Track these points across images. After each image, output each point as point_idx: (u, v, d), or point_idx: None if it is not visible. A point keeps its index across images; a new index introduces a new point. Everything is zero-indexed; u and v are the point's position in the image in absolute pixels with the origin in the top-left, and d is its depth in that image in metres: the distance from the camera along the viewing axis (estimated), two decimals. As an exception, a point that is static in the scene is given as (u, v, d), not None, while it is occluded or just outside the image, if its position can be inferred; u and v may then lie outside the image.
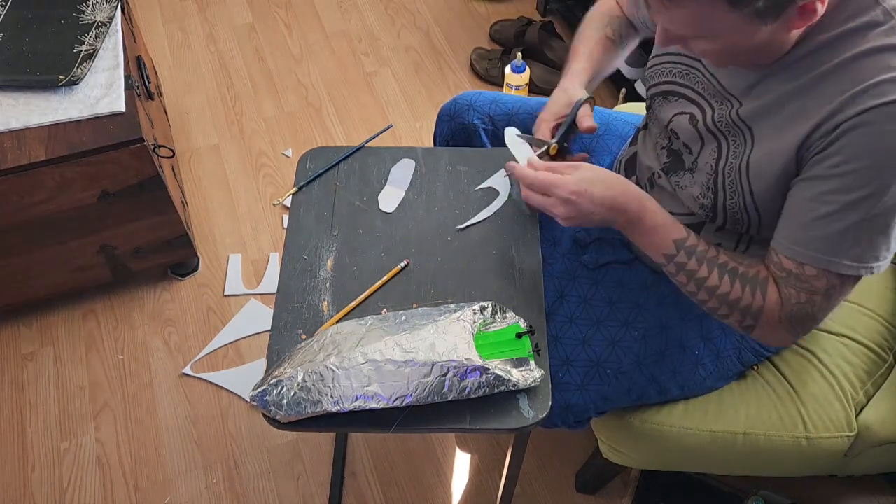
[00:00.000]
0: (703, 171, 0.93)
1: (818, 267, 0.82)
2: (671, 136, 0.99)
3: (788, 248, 0.84)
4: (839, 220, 0.79)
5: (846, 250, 0.80)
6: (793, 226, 0.84)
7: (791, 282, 0.85)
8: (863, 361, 1.15)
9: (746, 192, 0.89)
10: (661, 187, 1.02)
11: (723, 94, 0.90)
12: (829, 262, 0.81)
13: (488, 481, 1.49)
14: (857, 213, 0.78)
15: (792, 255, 0.84)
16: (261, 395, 0.86)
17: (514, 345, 0.90)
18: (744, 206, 0.90)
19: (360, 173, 1.13)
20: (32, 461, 1.51)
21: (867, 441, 1.10)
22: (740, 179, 0.89)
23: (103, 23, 1.49)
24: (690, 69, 0.95)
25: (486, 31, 2.34)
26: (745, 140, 0.87)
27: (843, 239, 0.80)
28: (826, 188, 0.79)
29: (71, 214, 1.43)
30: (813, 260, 0.82)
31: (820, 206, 0.80)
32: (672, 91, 0.98)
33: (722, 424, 1.11)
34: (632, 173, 1.09)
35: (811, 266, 0.83)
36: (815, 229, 0.81)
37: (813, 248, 0.82)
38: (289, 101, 2.14)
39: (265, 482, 1.49)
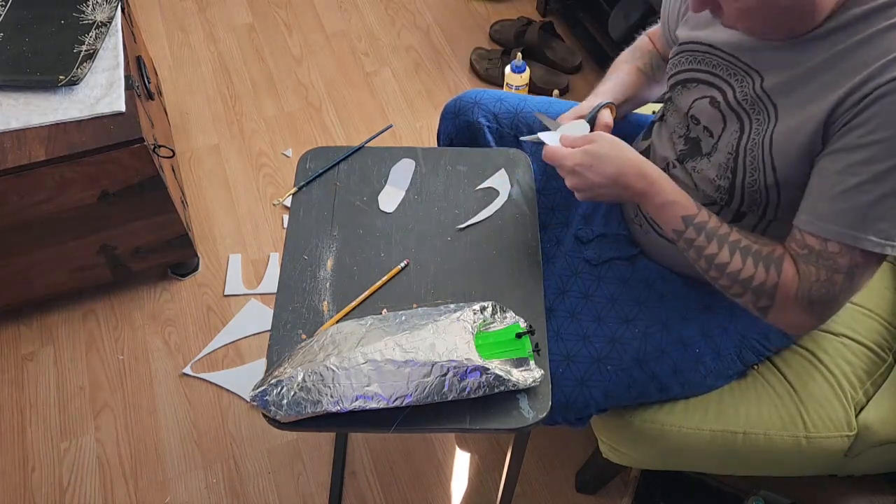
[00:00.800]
0: (724, 151, 0.94)
1: (842, 243, 0.82)
2: (690, 122, 1.00)
3: (812, 223, 0.83)
4: (866, 192, 0.78)
5: (872, 224, 0.80)
6: (818, 201, 0.83)
7: (812, 259, 0.84)
8: (862, 361, 1.15)
9: (769, 169, 0.88)
10: (675, 177, 1.02)
11: (744, 71, 0.91)
12: (855, 237, 0.80)
13: (488, 481, 1.49)
14: (884, 186, 0.77)
15: (816, 231, 0.83)
16: (261, 395, 0.86)
17: (514, 345, 0.90)
18: (764, 184, 0.90)
19: (360, 173, 1.13)
20: (32, 461, 1.51)
21: (867, 441, 1.10)
22: (762, 156, 0.88)
23: (103, 23, 1.49)
24: (707, 55, 0.96)
25: (486, 31, 2.34)
26: (768, 115, 0.87)
27: (869, 212, 0.79)
28: (853, 159, 0.78)
29: (71, 214, 1.43)
30: (837, 235, 0.81)
31: (846, 178, 0.79)
32: (691, 78, 0.99)
33: (722, 424, 1.11)
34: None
35: (835, 242, 0.82)
36: (841, 202, 0.80)
37: (838, 222, 0.81)
38: (289, 101, 2.15)
39: (265, 482, 1.49)
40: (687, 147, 1.01)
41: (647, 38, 1.20)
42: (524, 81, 2.05)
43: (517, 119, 1.25)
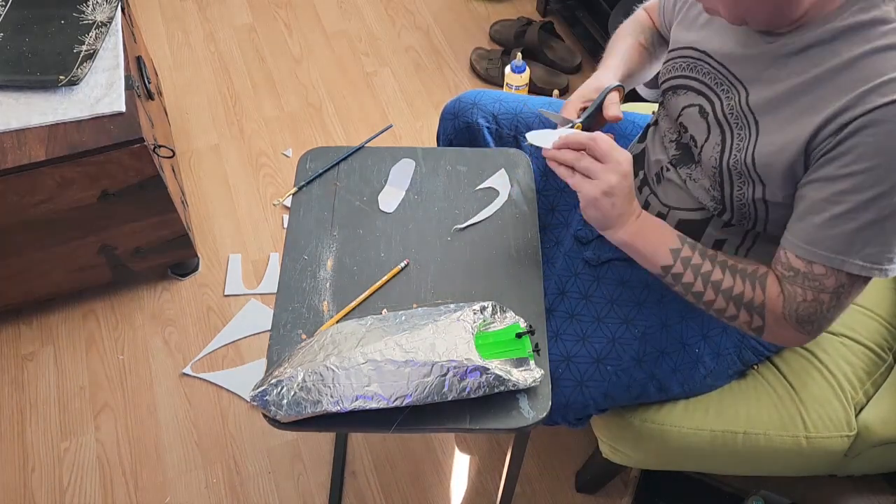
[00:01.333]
0: (709, 164, 0.94)
1: (828, 266, 0.82)
2: (680, 129, 1.00)
3: (799, 246, 0.84)
4: (853, 219, 0.79)
5: (859, 250, 0.80)
6: (805, 225, 0.83)
7: (798, 280, 0.85)
8: (863, 361, 1.15)
9: (757, 185, 0.89)
10: (669, 180, 1.03)
11: (731, 83, 0.91)
12: (842, 261, 0.81)
13: (488, 481, 1.49)
14: (870, 213, 0.78)
15: (802, 254, 0.84)
16: (261, 395, 0.86)
17: (514, 345, 0.90)
18: (752, 198, 0.91)
19: (360, 173, 1.13)
20: (32, 461, 1.51)
21: (867, 441, 1.10)
22: (748, 172, 0.89)
23: (103, 23, 1.49)
24: (699, 62, 0.96)
25: (486, 31, 2.34)
26: (749, 132, 0.88)
27: (856, 238, 0.80)
28: (837, 188, 0.79)
29: (71, 214, 1.43)
30: (824, 259, 0.82)
31: (832, 206, 0.80)
32: (681, 84, 0.99)
33: (722, 424, 1.11)
34: (639, 168, 1.09)
35: (821, 265, 0.83)
36: (827, 228, 0.81)
37: (825, 247, 0.82)
38: (289, 101, 2.15)
39: (265, 482, 1.49)
40: (679, 153, 1.01)
41: (644, 12, 1.19)
42: (524, 81, 2.05)
43: (517, 120, 1.25)
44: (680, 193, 1.01)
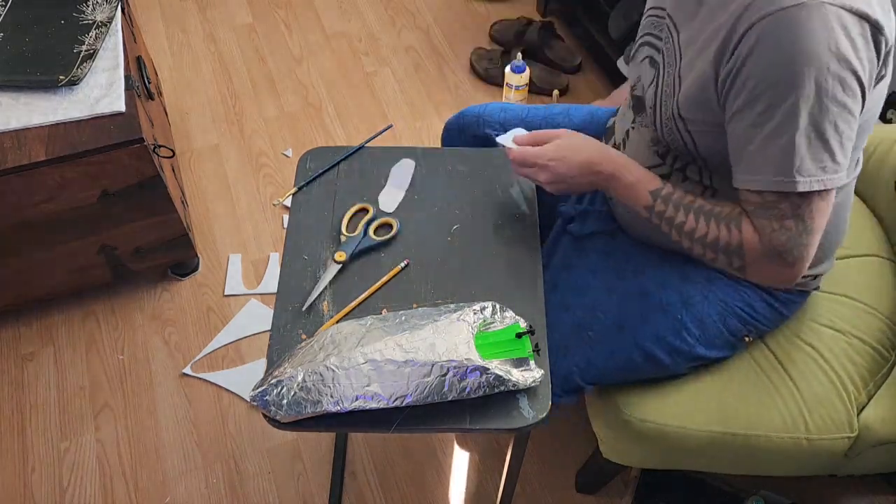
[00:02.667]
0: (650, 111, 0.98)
1: (776, 191, 0.85)
2: (637, 81, 1.05)
3: (744, 180, 0.88)
4: (775, 138, 0.82)
5: (792, 166, 0.82)
6: (740, 160, 0.87)
7: (760, 213, 0.88)
8: (866, 360, 1.15)
9: (683, 131, 0.93)
10: (632, 140, 1.06)
11: (668, 29, 0.95)
12: (782, 182, 0.84)
13: (488, 481, 1.49)
14: (791, 126, 0.80)
15: (750, 186, 0.87)
16: (261, 395, 0.86)
17: (514, 345, 0.90)
18: (684, 145, 0.95)
19: (360, 173, 1.13)
20: (32, 461, 1.51)
21: (867, 441, 1.10)
22: (674, 118, 0.93)
23: (103, 23, 1.49)
24: (658, 18, 1.00)
25: (486, 31, 2.34)
26: (676, 70, 0.92)
27: (784, 155, 0.82)
28: (752, 115, 0.82)
29: (71, 214, 1.43)
30: (767, 185, 0.85)
31: (754, 132, 0.83)
32: (644, 42, 1.04)
33: (722, 424, 1.11)
34: (610, 136, 1.14)
35: (769, 192, 0.86)
36: (759, 155, 0.84)
37: (762, 173, 0.85)
38: (289, 101, 2.15)
39: (265, 482, 1.49)
40: (634, 104, 1.05)
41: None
42: (524, 81, 2.05)
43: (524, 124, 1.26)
44: (639, 151, 1.04)
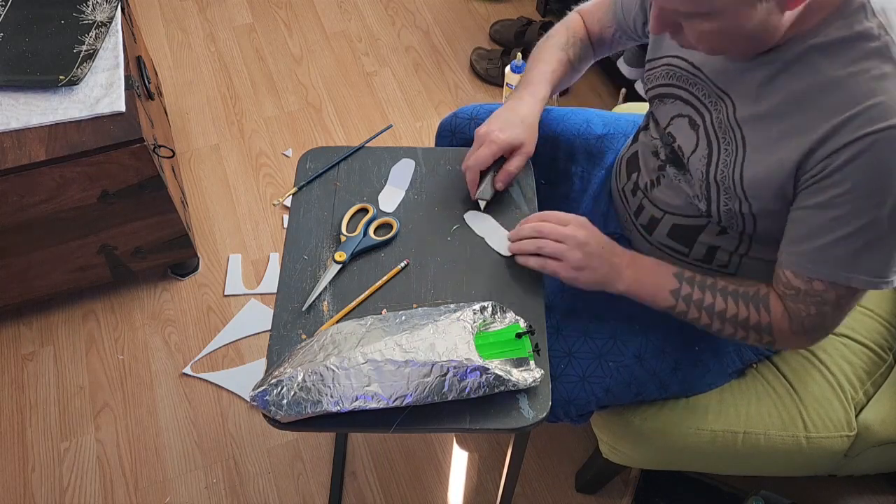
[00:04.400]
0: (696, 175, 0.94)
1: (830, 281, 0.83)
2: (668, 138, 1.00)
3: (800, 265, 0.85)
4: (853, 241, 0.79)
5: (860, 267, 0.81)
6: (805, 248, 0.84)
7: (800, 298, 0.86)
8: (863, 361, 1.15)
9: (743, 201, 0.89)
10: (662, 186, 1.02)
11: (717, 95, 0.90)
12: (845, 276, 0.82)
13: (488, 481, 1.49)
14: (870, 233, 0.78)
15: (802, 272, 0.84)
16: (261, 395, 0.86)
17: (514, 345, 0.90)
18: (739, 211, 0.91)
19: (360, 173, 1.13)
20: (32, 461, 1.51)
21: (867, 441, 1.10)
22: (734, 188, 0.89)
23: (103, 23, 1.49)
24: (685, 72, 0.95)
25: (486, 31, 2.34)
26: (736, 147, 0.87)
27: (857, 257, 0.80)
28: (836, 214, 0.79)
29: (71, 214, 1.43)
30: (827, 276, 0.83)
31: (829, 231, 0.80)
32: (669, 94, 0.98)
33: (722, 424, 1.11)
34: (633, 170, 1.09)
35: (820, 281, 0.84)
36: (828, 250, 0.81)
37: (827, 266, 0.82)
38: (289, 101, 2.15)
39: (265, 482, 1.49)
40: (669, 159, 1.00)
41: (578, 17, 1.16)
42: (524, 81, 2.04)
43: None
44: (672, 199, 1.01)
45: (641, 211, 1.06)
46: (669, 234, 1.02)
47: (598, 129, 1.25)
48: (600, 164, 1.22)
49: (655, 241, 1.05)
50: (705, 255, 1.00)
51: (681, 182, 0.99)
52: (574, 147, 1.23)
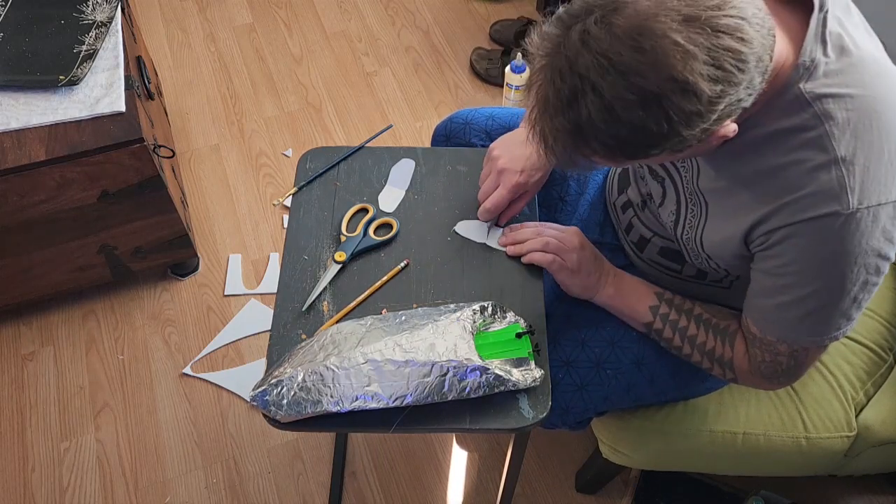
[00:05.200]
0: (667, 226, 0.97)
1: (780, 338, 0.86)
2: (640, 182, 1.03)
3: (755, 319, 0.88)
4: (796, 308, 0.82)
5: (805, 330, 0.84)
6: (758, 303, 0.87)
7: (756, 343, 0.89)
8: (863, 361, 1.15)
9: (709, 259, 0.93)
10: (650, 210, 1.04)
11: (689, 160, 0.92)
12: (792, 338, 0.85)
13: (488, 481, 1.49)
14: (811, 303, 0.81)
15: (756, 325, 0.88)
16: (261, 395, 0.86)
17: (514, 345, 0.90)
18: (709, 266, 0.94)
19: (360, 173, 1.13)
20: (32, 461, 1.51)
21: (867, 441, 1.10)
22: (698, 249, 0.92)
23: (103, 23, 1.49)
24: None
25: (486, 31, 2.34)
26: (700, 211, 0.90)
27: (802, 323, 0.83)
28: (778, 283, 0.82)
29: (71, 214, 1.43)
30: (776, 335, 0.86)
31: (778, 295, 0.83)
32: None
33: (721, 424, 1.11)
34: (624, 186, 1.10)
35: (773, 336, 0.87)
36: (777, 312, 0.84)
37: (775, 326, 0.86)
38: (289, 101, 2.15)
39: (265, 482, 1.49)
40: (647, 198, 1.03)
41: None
42: (524, 81, 2.05)
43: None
44: (657, 225, 1.03)
45: (631, 229, 1.08)
46: (660, 253, 1.04)
47: None
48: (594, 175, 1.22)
49: (647, 258, 1.07)
50: (698, 273, 1.01)
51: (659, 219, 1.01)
52: None
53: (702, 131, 0.69)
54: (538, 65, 0.70)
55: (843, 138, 0.74)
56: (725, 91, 0.66)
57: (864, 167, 0.74)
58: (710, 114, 0.67)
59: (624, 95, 0.65)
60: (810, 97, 0.75)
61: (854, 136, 0.74)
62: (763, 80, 0.70)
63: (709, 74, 0.64)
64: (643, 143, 0.69)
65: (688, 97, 0.65)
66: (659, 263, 1.05)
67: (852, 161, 0.74)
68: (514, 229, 1.04)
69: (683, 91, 0.64)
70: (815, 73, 0.75)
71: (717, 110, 0.67)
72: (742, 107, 0.70)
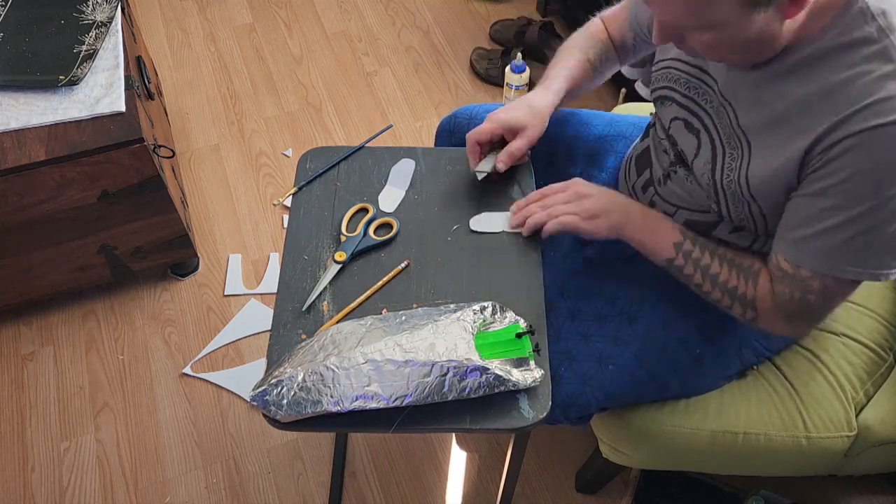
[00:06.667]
0: (702, 178, 0.95)
1: (815, 270, 0.84)
2: (672, 139, 1.01)
3: (786, 250, 0.86)
4: (841, 232, 0.80)
5: (848, 259, 0.82)
6: (794, 235, 0.85)
7: (787, 281, 0.87)
8: (863, 361, 1.15)
9: (752, 203, 0.90)
10: (673, 182, 1.03)
11: (720, 102, 0.91)
12: (830, 268, 0.83)
13: (488, 481, 1.49)
14: (856, 227, 0.79)
15: (790, 258, 0.86)
16: (261, 395, 0.86)
17: (514, 345, 0.90)
18: (749, 213, 0.92)
19: (360, 173, 1.13)
20: (32, 461, 1.51)
21: (867, 441, 1.10)
22: (741, 192, 0.90)
23: (103, 23, 1.49)
24: (685, 75, 0.96)
25: (486, 31, 2.34)
26: (742, 152, 0.88)
27: (843, 249, 0.81)
28: (826, 204, 0.80)
29: (71, 214, 1.43)
30: (813, 265, 0.84)
31: (820, 220, 0.81)
32: (666, 96, 1.00)
33: (722, 424, 1.11)
34: (645, 166, 1.09)
35: (807, 268, 0.85)
36: (815, 240, 0.82)
37: (813, 255, 0.83)
38: (289, 101, 2.15)
39: (265, 482, 1.49)
40: (676, 159, 1.02)
41: (600, 23, 1.17)
42: (524, 81, 2.05)
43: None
44: (683, 195, 1.02)
45: (653, 207, 1.07)
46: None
47: (598, 130, 1.24)
48: (599, 165, 1.22)
49: None
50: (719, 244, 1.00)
51: (691, 182, 0.99)
52: (573, 148, 1.23)
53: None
54: None
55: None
56: None
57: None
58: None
59: None
60: (875, 11, 0.75)
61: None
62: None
63: None
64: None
65: None
66: None
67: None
68: (520, 207, 1.04)
69: None
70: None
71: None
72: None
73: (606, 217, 1.00)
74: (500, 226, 1.05)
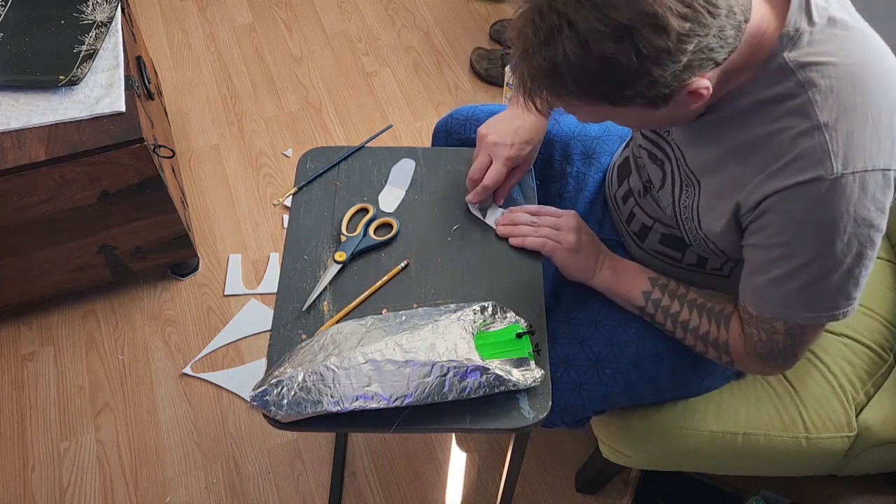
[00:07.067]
0: (666, 210, 0.98)
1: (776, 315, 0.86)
2: (638, 164, 1.04)
3: (750, 297, 0.88)
4: (791, 281, 0.82)
5: (802, 306, 0.83)
6: (752, 282, 0.87)
7: (753, 323, 0.89)
8: (863, 361, 1.15)
9: (707, 240, 0.93)
10: (651, 197, 1.04)
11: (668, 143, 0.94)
12: (788, 314, 0.85)
13: (488, 481, 1.49)
14: (804, 276, 0.81)
15: (752, 304, 0.88)
16: (261, 395, 0.86)
17: (514, 345, 0.90)
18: (707, 248, 0.95)
19: (360, 173, 1.13)
20: (32, 461, 1.51)
21: (867, 441, 1.10)
22: (696, 230, 0.93)
23: (103, 23, 1.49)
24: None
25: (486, 31, 2.34)
26: (694, 190, 0.91)
27: (797, 297, 0.83)
28: (770, 255, 0.82)
29: (71, 214, 1.43)
30: (771, 311, 0.86)
31: (770, 269, 0.83)
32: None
33: (722, 424, 1.11)
34: (625, 176, 1.09)
35: (769, 313, 0.86)
36: (771, 288, 0.84)
37: (772, 303, 0.85)
38: (289, 101, 2.15)
39: (265, 482, 1.49)
40: (646, 182, 1.03)
41: None
42: (524, 81, 2.04)
43: None
44: (658, 211, 1.03)
45: (633, 218, 1.08)
46: (661, 241, 1.04)
47: (595, 130, 1.25)
48: (596, 164, 1.23)
49: (648, 248, 1.07)
50: (698, 261, 1.01)
51: (660, 203, 1.01)
52: (570, 147, 1.23)
53: (672, 76, 0.70)
54: (520, 10, 0.73)
55: (825, 105, 0.74)
56: (694, 31, 0.68)
57: (847, 133, 0.74)
58: (679, 54, 0.68)
59: (597, 28, 0.67)
60: (794, 66, 0.76)
61: (837, 102, 0.74)
62: (738, 37, 0.71)
63: (678, 11, 0.67)
64: (615, 81, 0.71)
65: (657, 32, 0.67)
66: (660, 252, 1.05)
67: (835, 126, 0.74)
68: (514, 212, 1.06)
69: (653, 25, 0.67)
70: (800, 43, 0.76)
71: (686, 51, 0.68)
72: (714, 59, 0.71)
73: (584, 258, 1.02)
74: (491, 221, 1.07)
